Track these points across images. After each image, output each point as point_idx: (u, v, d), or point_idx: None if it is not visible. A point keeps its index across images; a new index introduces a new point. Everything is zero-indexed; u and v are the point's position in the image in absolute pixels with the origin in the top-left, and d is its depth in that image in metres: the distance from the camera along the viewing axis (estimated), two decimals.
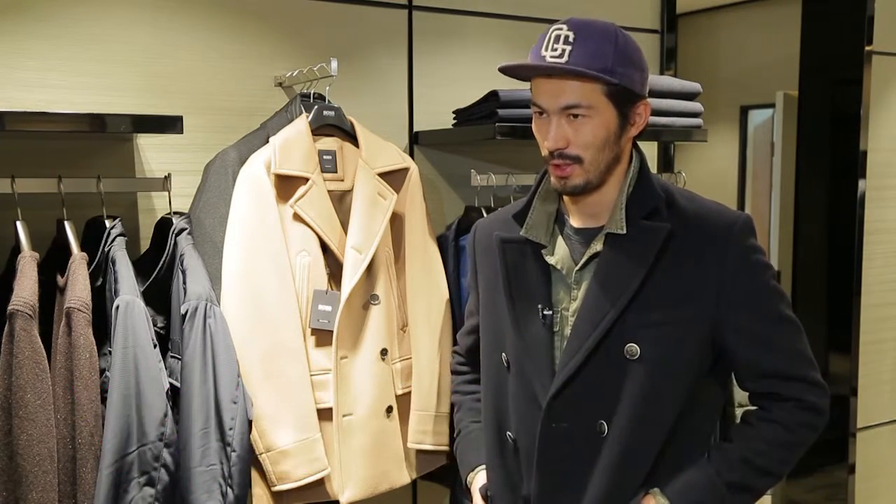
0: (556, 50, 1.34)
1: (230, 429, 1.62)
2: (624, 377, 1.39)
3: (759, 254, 1.42)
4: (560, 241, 1.49)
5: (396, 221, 2.02)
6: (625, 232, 1.40)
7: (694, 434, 1.45)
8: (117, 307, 1.56)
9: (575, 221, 1.49)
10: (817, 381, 1.44)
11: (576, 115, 1.36)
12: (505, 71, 1.40)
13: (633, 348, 1.38)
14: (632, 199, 1.43)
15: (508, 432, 1.51)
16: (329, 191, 1.92)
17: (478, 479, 1.62)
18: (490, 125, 2.07)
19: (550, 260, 1.47)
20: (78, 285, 1.55)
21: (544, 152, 1.41)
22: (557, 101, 1.36)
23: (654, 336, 1.38)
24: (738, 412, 2.08)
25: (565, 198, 1.50)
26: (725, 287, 1.39)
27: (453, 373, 1.80)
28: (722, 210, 1.45)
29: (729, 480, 1.40)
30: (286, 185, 1.86)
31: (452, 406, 1.82)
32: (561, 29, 1.36)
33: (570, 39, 1.34)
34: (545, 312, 1.45)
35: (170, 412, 1.58)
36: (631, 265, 1.39)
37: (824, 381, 1.45)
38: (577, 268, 1.45)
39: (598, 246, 1.43)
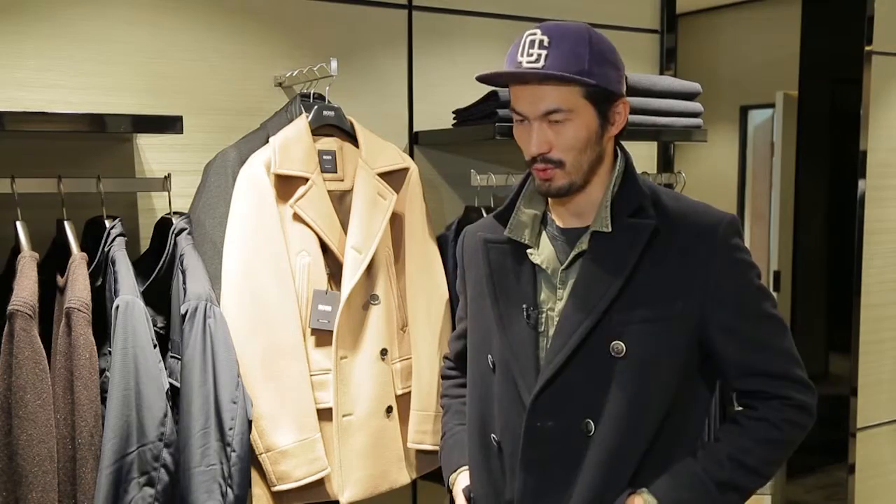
0: (531, 55, 1.36)
1: (230, 429, 1.62)
2: (610, 375, 1.39)
3: (743, 253, 1.43)
4: (545, 241, 1.49)
5: (396, 221, 2.02)
6: (610, 230, 1.41)
7: (681, 433, 1.44)
8: (117, 307, 1.56)
9: (560, 222, 1.49)
10: (803, 380, 1.43)
11: (556, 120, 1.37)
12: (484, 80, 1.42)
13: (619, 346, 1.38)
14: (617, 197, 1.44)
15: (493, 434, 1.51)
16: (329, 191, 1.92)
17: (460, 479, 1.62)
18: (490, 125, 2.07)
19: (536, 259, 1.47)
20: (78, 285, 1.55)
21: (527, 157, 1.42)
22: (537, 107, 1.37)
23: (640, 333, 1.38)
24: None
25: (550, 199, 1.50)
26: (710, 285, 1.39)
27: (443, 377, 1.80)
28: (708, 210, 1.45)
29: (717, 479, 1.39)
30: (286, 185, 1.86)
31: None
32: (535, 34, 1.37)
33: (545, 44, 1.35)
34: (530, 312, 1.45)
35: (170, 412, 1.58)
36: (615, 262, 1.39)
37: (813, 381, 1.45)
38: (562, 267, 1.45)
39: (583, 245, 1.43)
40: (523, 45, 1.38)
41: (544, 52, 1.35)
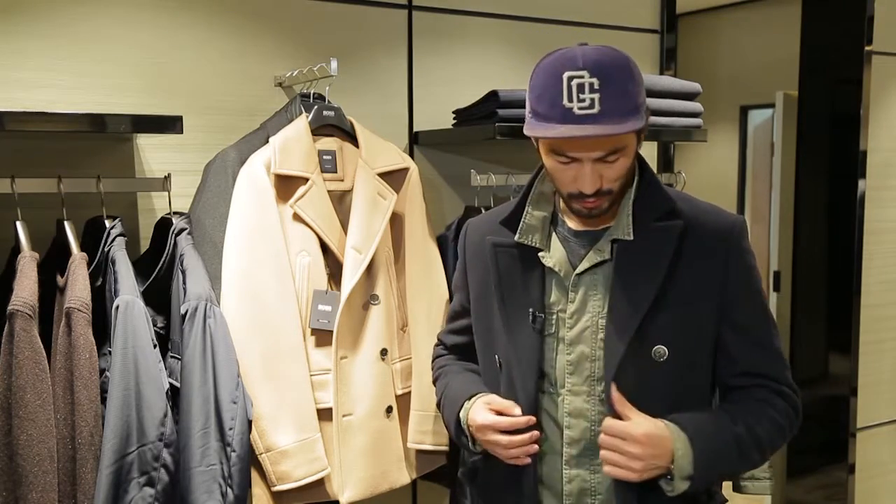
0: (583, 101, 1.29)
1: (230, 429, 1.62)
2: (655, 379, 1.41)
3: (752, 256, 1.47)
4: (556, 243, 1.49)
5: (396, 221, 2.02)
6: (631, 238, 1.41)
7: None
8: (117, 307, 1.56)
9: (573, 224, 1.49)
10: (794, 386, 1.48)
11: (611, 160, 1.36)
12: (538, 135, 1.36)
13: (661, 350, 1.40)
14: (638, 203, 1.44)
15: None
16: (329, 191, 1.92)
17: (477, 401, 1.51)
18: (490, 125, 2.07)
19: (548, 262, 1.47)
20: (78, 285, 1.55)
21: (570, 191, 1.39)
22: (592, 153, 1.34)
23: (678, 336, 1.41)
24: None
25: (562, 201, 1.50)
26: (727, 286, 1.43)
27: (435, 357, 1.78)
28: (719, 212, 1.48)
29: (738, 438, 1.39)
30: (286, 185, 1.86)
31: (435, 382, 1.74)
32: (581, 77, 1.30)
33: (596, 87, 1.29)
34: (536, 315, 1.45)
35: (170, 412, 1.58)
36: (648, 269, 1.40)
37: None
38: (576, 271, 1.45)
39: (604, 252, 1.43)
40: (568, 88, 1.30)
41: (597, 97, 1.29)
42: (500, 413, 1.45)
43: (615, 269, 1.42)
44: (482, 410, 1.48)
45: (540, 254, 1.48)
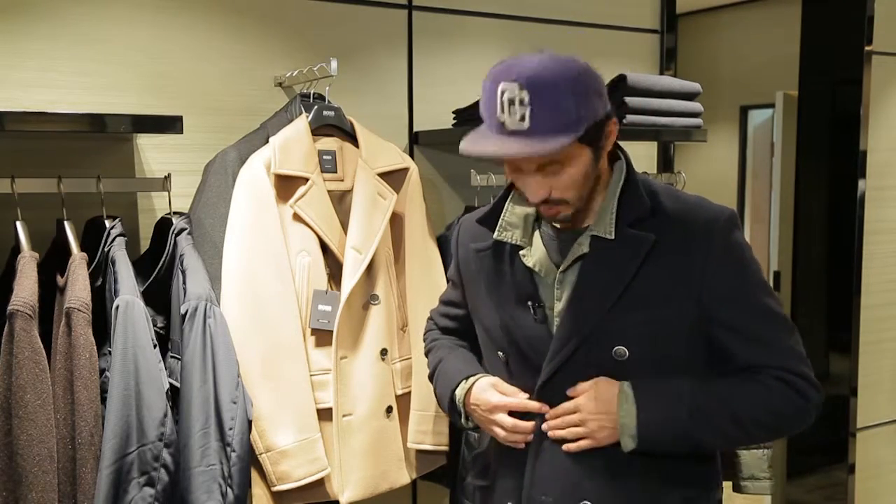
0: (514, 115, 1.26)
1: (230, 429, 1.62)
2: (614, 377, 1.39)
3: (743, 249, 1.41)
4: (538, 242, 1.48)
5: (396, 221, 2.02)
6: (613, 238, 1.39)
7: None
8: (117, 307, 1.56)
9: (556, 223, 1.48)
10: (809, 377, 1.40)
11: (553, 171, 1.33)
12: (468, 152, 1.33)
13: (622, 350, 1.38)
14: (621, 205, 1.42)
15: None
16: (329, 191, 1.92)
17: (481, 382, 1.53)
18: None
19: (528, 262, 1.46)
20: (78, 285, 1.55)
21: (527, 200, 1.39)
22: (530, 163, 1.33)
23: (642, 337, 1.38)
24: None
25: None
26: (710, 283, 1.37)
27: (428, 331, 1.77)
28: (705, 206, 1.43)
29: (697, 404, 1.37)
30: (286, 186, 1.86)
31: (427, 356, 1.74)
32: (513, 90, 1.26)
33: (526, 101, 1.25)
34: (535, 308, 1.44)
35: (169, 412, 1.58)
36: (615, 270, 1.38)
37: (822, 381, 1.43)
38: (560, 269, 1.44)
39: (583, 248, 1.42)
40: (501, 102, 1.27)
41: (527, 111, 1.26)
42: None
43: (585, 265, 1.41)
44: (492, 391, 1.49)
45: (521, 252, 1.47)
